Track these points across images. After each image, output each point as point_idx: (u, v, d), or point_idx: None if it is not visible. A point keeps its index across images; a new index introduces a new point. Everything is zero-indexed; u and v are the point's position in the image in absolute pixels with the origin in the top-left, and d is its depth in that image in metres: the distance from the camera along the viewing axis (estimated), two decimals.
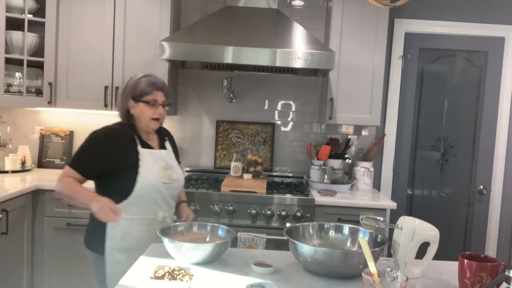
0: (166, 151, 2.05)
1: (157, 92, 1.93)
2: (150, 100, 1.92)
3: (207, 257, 1.52)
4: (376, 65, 3.11)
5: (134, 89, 1.94)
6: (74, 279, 2.88)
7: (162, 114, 1.96)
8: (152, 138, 2.04)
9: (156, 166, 1.95)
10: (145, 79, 1.94)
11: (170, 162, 2.02)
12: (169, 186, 1.97)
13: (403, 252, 1.52)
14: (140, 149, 1.93)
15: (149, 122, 1.94)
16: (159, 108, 1.94)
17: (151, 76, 1.97)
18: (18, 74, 3.12)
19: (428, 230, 1.53)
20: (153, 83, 1.93)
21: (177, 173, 2.03)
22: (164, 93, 1.96)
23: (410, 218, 1.55)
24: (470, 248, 3.52)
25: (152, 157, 1.95)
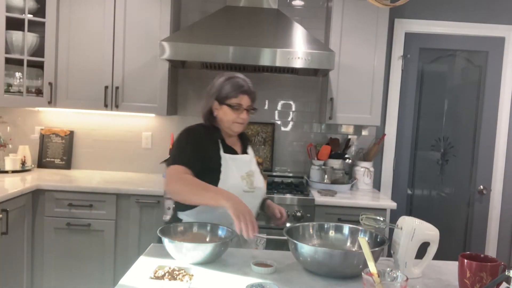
0: (249, 156, 1.94)
1: (242, 96, 1.84)
2: (235, 104, 1.83)
3: (207, 257, 1.52)
4: (376, 65, 3.11)
5: (219, 91, 1.85)
6: (74, 279, 2.88)
7: (246, 119, 1.87)
8: (235, 142, 1.95)
9: (238, 173, 1.83)
10: (232, 81, 1.85)
11: (252, 169, 1.90)
12: (251, 194, 1.84)
13: (403, 252, 1.51)
14: (222, 153, 1.84)
15: (232, 125, 1.85)
16: (243, 112, 1.84)
17: (239, 78, 1.87)
18: (18, 74, 3.12)
19: (428, 230, 1.53)
20: (239, 86, 1.84)
21: (259, 180, 1.91)
22: (250, 97, 1.86)
23: (410, 218, 1.55)
24: (470, 248, 3.52)
25: (235, 163, 1.84)
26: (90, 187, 2.86)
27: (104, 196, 2.85)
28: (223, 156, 1.83)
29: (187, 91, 3.49)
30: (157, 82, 3.13)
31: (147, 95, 3.14)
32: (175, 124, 3.48)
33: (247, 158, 1.91)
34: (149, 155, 3.49)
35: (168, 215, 2.80)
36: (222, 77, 1.88)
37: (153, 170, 3.48)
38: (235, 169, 1.83)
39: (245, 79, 1.88)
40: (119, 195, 2.87)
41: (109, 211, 2.86)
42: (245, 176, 1.85)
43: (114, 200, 2.86)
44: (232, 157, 1.85)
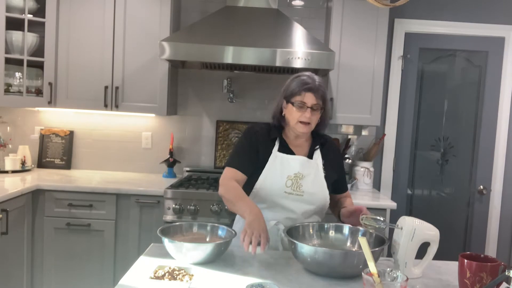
0: (305, 159, 1.84)
1: (306, 93, 1.76)
2: (298, 102, 1.77)
3: (207, 257, 1.52)
4: (376, 65, 3.11)
5: (287, 88, 1.83)
6: (74, 279, 2.88)
7: (311, 118, 1.78)
8: (301, 144, 1.89)
9: (284, 172, 1.80)
10: (298, 79, 1.80)
11: (304, 172, 1.82)
12: (296, 197, 1.79)
13: (403, 252, 1.51)
14: (275, 151, 1.82)
15: (296, 125, 1.79)
16: (306, 111, 1.77)
17: (305, 75, 1.81)
18: (18, 74, 3.12)
19: (428, 230, 1.53)
20: (304, 83, 1.77)
21: (310, 184, 1.82)
22: (316, 95, 1.77)
23: (410, 218, 1.55)
24: (470, 248, 3.52)
25: (282, 162, 1.81)
26: (90, 187, 2.86)
27: (104, 196, 2.85)
28: (274, 154, 1.82)
29: (187, 91, 3.49)
30: (157, 82, 3.13)
31: (147, 95, 3.14)
32: (175, 124, 3.48)
33: (301, 159, 1.83)
34: (149, 155, 3.49)
35: (168, 215, 2.80)
36: (292, 76, 1.85)
37: (153, 170, 3.48)
38: (282, 168, 1.80)
39: (312, 76, 1.81)
40: (119, 195, 2.87)
41: (109, 211, 2.86)
42: (292, 177, 1.80)
43: (114, 200, 2.86)
44: (283, 156, 1.82)
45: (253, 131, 1.89)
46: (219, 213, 2.79)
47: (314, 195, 1.83)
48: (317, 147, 1.89)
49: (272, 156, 1.82)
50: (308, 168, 1.83)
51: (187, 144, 3.51)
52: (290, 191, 1.80)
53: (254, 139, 1.86)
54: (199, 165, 3.51)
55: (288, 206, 1.80)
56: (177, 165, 3.39)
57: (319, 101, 1.79)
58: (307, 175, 1.82)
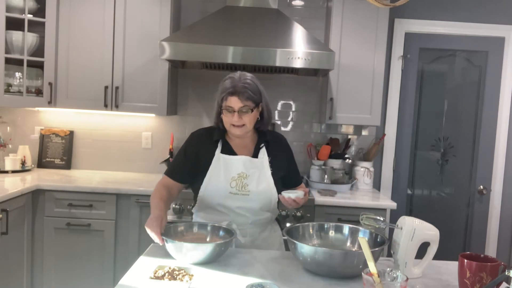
0: (248, 159, 1.83)
1: (230, 97, 1.74)
2: (225, 107, 1.76)
3: (207, 257, 1.52)
4: (376, 65, 3.11)
5: (218, 92, 1.81)
6: (74, 279, 2.88)
7: (241, 120, 1.75)
8: (246, 144, 1.88)
9: (228, 174, 1.80)
10: (227, 82, 1.77)
11: (247, 171, 1.81)
12: (242, 197, 1.79)
13: (403, 252, 1.52)
14: (217, 153, 1.82)
15: (230, 129, 1.80)
16: (234, 115, 1.75)
17: (228, 79, 1.78)
18: (18, 74, 3.12)
19: (428, 230, 1.53)
20: (225, 88, 1.75)
21: (256, 183, 1.81)
22: (240, 97, 1.73)
23: (410, 218, 1.55)
24: (470, 248, 3.52)
25: (226, 163, 1.81)
26: (90, 187, 2.86)
27: (104, 196, 2.85)
28: (217, 156, 1.82)
29: (187, 91, 3.49)
30: (157, 82, 3.13)
31: (147, 95, 3.14)
32: (175, 124, 3.48)
33: (244, 159, 1.82)
34: (149, 155, 3.49)
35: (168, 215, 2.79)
36: (225, 77, 1.82)
37: (153, 170, 3.48)
38: (225, 169, 1.80)
39: (235, 78, 1.78)
40: (119, 195, 2.87)
41: (109, 211, 2.86)
42: (236, 177, 1.80)
43: (114, 200, 2.86)
44: (226, 157, 1.82)
45: (195, 135, 1.93)
46: None
47: (261, 193, 1.82)
48: (262, 145, 1.88)
49: (215, 159, 1.82)
50: (252, 167, 1.83)
51: None
52: (235, 191, 1.79)
53: (194, 143, 1.89)
54: None
55: (235, 206, 1.81)
56: None
57: (246, 103, 1.75)
58: (251, 174, 1.81)
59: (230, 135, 1.87)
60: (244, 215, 1.82)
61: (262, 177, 1.83)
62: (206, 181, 1.81)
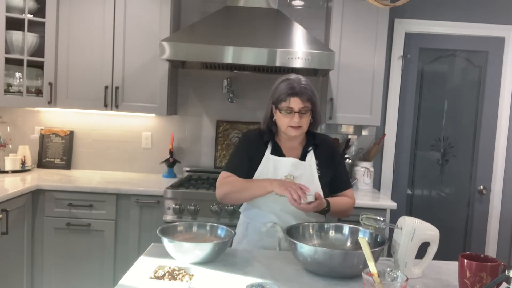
0: (296, 161, 1.85)
1: (292, 98, 1.75)
2: (285, 108, 1.77)
3: (207, 256, 1.52)
4: (376, 65, 3.11)
5: (273, 94, 1.82)
6: (74, 279, 2.88)
7: (300, 123, 1.77)
8: (294, 146, 1.89)
9: (274, 174, 1.82)
10: (283, 84, 1.79)
11: (295, 173, 1.82)
12: (285, 199, 1.73)
13: (403, 252, 1.52)
14: (267, 154, 1.85)
15: (286, 130, 1.81)
16: (294, 116, 1.76)
17: (290, 79, 1.79)
18: (18, 74, 3.12)
19: (428, 230, 1.53)
20: (288, 88, 1.76)
21: None
22: (302, 98, 1.75)
23: (410, 218, 1.55)
24: (470, 248, 3.52)
25: (274, 165, 1.83)
26: (90, 187, 2.86)
27: (104, 196, 2.85)
28: (266, 156, 1.85)
29: (187, 91, 3.49)
30: (157, 82, 3.13)
31: (147, 95, 3.14)
32: (175, 124, 3.49)
33: (293, 162, 1.84)
34: (149, 155, 3.49)
35: (168, 215, 2.80)
36: (278, 80, 1.84)
37: (153, 170, 3.48)
38: (273, 170, 1.82)
39: (298, 80, 1.79)
40: (119, 195, 2.87)
41: (109, 211, 2.86)
42: (283, 179, 1.80)
43: (114, 200, 2.86)
44: (275, 159, 1.84)
45: (247, 137, 1.94)
46: (219, 213, 2.79)
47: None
48: (310, 148, 1.89)
49: (265, 159, 1.84)
50: (300, 170, 1.84)
51: (187, 144, 3.51)
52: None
53: (247, 144, 1.90)
54: (199, 165, 3.51)
55: (280, 208, 1.81)
56: (177, 165, 3.39)
57: (306, 104, 1.77)
58: (299, 176, 1.82)
59: (282, 137, 1.88)
60: (288, 217, 1.81)
61: (309, 180, 1.82)
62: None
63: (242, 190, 1.78)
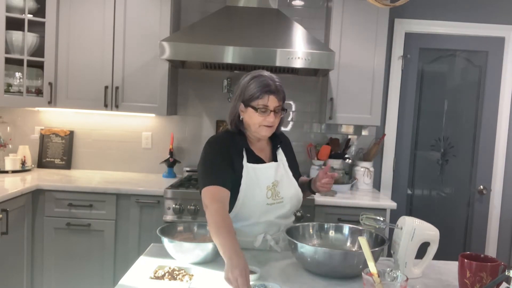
0: (275, 164, 1.77)
1: (268, 96, 1.65)
2: (260, 106, 1.65)
3: (207, 256, 1.52)
4: (376, 65, 3.11)
5: (244, 91, 1.69)
6: (74, 279, 2.88)
7: (274, 122, 1.69)
8: (264, 147, 1.81)
9: (263, 184, 1.70)
10: (257, 80, 1.67)
11: (278, 178, 1.75)
12: (276, 205, 1.72)
13: (403, 252, 1.52)
14: (245, 163, 1.70)
15: (258, 129, 1.69)
16: (270, 115, 1.67)
17: (264, 76, 1.68)
18: (18, 74, 3.12)
19: (428, 230, 1.53)
20: (265, 85, 1.65)
21: (286, 188, 1.76)
22: (277, 97, 1.67)
23: (410, 218, 1.55)
24: (470, 248, 3.52)
25: (257, 174, 1.71)
26: (90, 187, 2.86)
27: (104, 196, 2.85)
28: (246, 166, 1.70)
29: (187, 91, 3.49)
30: (157, 82, 3.13)
31: (147, 95, 3.14)
32: (175, 124, 3.49)
33: (273, 166, 1.76)
34: (149, 155, 3.49)
35: (168, 215, 2.80)
36: (248, 76, 1.71)
37: (153, 170, 3.48)
38: (259, 181, 1.70)
39: (272, 77, 1.70)
40: (119, 195, 2.87)
41: (109, 211, 2.86)
42: (271, 186, 1.72)
43: (114, 200, 2.86)
44: (257, 167, 1.72)
45: (220, 143, 1.74)
46: None
47: (293, 197, 1.78)
48: (278, 146, 1.83)
49: (245, 170, 1.69)
50: (279, 173, 1.77)
51: (187, 144, 3.51)
52: (271, 201, 1.72)
53: (224, 151, 1.70)
54: None
55: (272, 216, 1.73)
56: (177, 165, 3.39)
57: (280, 103, 1.69)
58: (280, 180, 1.76)
59: (252, 138, 1.77)
60: (278, 223, 1.76)
61: (288, 181, 1.79)
62: (242, 196, 1.68)
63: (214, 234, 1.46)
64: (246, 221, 1.71)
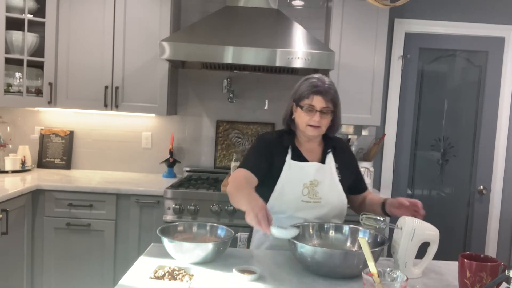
0: (318, 165, 1.80)
1: (315, 96, 1.72)
2: (306, 105, 1.73)
3: (207, 256, 1.52)
4: (376, 65, 3.11)
5: (296, 91, 1.79)
6: (74, 279, 2.88)
7: (320, 122, 1.73)
8: (314, 149, 1.85)
9: (300, 181, 1.75)
10: (308, 81, 1.76)
11: (319, 178, 1.77)
12: (312, 205, 1.75)
13: (403, 252, 1.51)
14: (288, 160, 1.78)
15: (305, 129, 1.76)
16: (315, 114, 1.73)
17: (314, 78, 1.76)
18: (18, 74, 3.12)
19: (428, 230, 1.53)
20: (313, 86, 1.73)
21: (327, 190, 1.77)
22: (325, 98, 1.72)
23: (410, 218, 1.55)
24: (470, 248, 3.52)
25: (297, 170, 1.76)
26: (90, 187, 2.86)
27: (104, 196, 2.85)
28: (288, 162, 1.77)
29: (187, 91, 3.49)
30: (157, 82, 3.13)
31: (147, 95, 3.14)
32: (175, 124, 3.49)
33: (315, 166, 1.79)
34: (149, 155, 3.49)
35: (168, 215, 2.80)
36: (302, 79, 1.80)
37: (153, 170, 3.48)
38: (297, 176, 1.75)
39: (323, 79, 1.76)
40: (119, 195, 2.87)
41: (109, 211, 2.86)
42: (308, 184, 1.75)
43: (114, 200, 2.86)
44: (297, 164, 1.77)
45: (265, 139, 1.86)
46: (219, 213, 2.79)
47: (332, 200, 1.79)
48: (329, 150, 1.85)
49: (286, 165, 1.77)
50: (322, 174, 1.79)
51: (187, 144, 3.51)
52: (307, 199, 1.76)
53: (267, 146, 1.81)
54: (199, 165, 3.51)
55: (309, 215, 1.76)
56: (177, 165, 3.39)
57: (328, 104, 1.74)
58: (322, 181, 1.78)
59: (301, 138, 1.84)
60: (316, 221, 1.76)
61: (332, 184, 1.80)
62: (278, 189, 1.75)
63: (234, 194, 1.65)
64: (282, 214, 1.76)
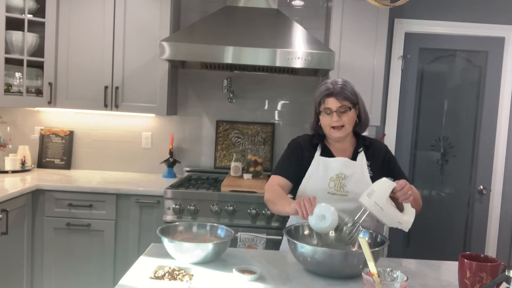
0: (346, 160, 1.84)
1: (327, 99, 1.81)
2: (323, 109, 1.83)
3: (207, 257, 1.52)
4: (376, 65, 3.11)
5: (315, 99, 1.88)
6: (74, 279, 2.88)
7: (339, 121, 1.80)
8: (345, 149, 1.90)
9: (326, 174, 1.82)
10: (321, 87, 1.85)
11: (346, 172, 1.81)
12: (339, 198, 1.79)
13: (389, 218, 1.57)
14: (317, 156, 1.87)
15: (330, 131, 1.84)
16: (333, 115, 1.80)
17: (327, 82, 1.86)
18: (18, 74, 3.12)
19: (380, 185, 1.59)
20: (325, 90, 1.83)
21: (355, 185, 1.80)
22: (338, 98, 1.80)
23: (361, 198, 1.59)
24: (470, 248, 3.51)
25: (324, 165, 1.84)
26: (90, 187, 2.86)
27: (104, 196, 2.85)
28: (316, 158, 1.86)
29: (187, 91, 3.49)
30: (157, 82, 3.13)
31: (147, 95, 3.14)
32: (175, 124, 3.49)
33: (342, 160, 1.84)
34: (149, 155, 3.49)
35: (168, 215, 2.80)
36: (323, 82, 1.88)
37: (153, 170, 3.48)
38: (324, 170, 1.83)
39: (334, 81, 1.85)
40: (119, 195, 2.87)
41: (109, 211, 2.86)
42: (334, 178, 1.81)
43: (114, 200, 2.86)
44: (326, 159, 1.85)
45: (295, 142, 1.96)
46: (219, 213, 2.79)
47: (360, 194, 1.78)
48: (361, 149, 1.89)
49: (315, 161, 1.86)
50: (351, 169, 1.83)
51: (187, 144, 3.51)
52: (334, 191, 1.80)
53: (297, 148, 1.92)
54: (199, 165, 3.51)
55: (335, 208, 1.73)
56: (177, 165, 3.39)
57: (344, 103, 1.80)
58: (350, 175, 1.81)
59: (330, 140, 1.90)
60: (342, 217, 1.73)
61: (361, 179, 1.82)
62: (305, 181, 1.84)
63: (271, 203, 1.78)
64: None
